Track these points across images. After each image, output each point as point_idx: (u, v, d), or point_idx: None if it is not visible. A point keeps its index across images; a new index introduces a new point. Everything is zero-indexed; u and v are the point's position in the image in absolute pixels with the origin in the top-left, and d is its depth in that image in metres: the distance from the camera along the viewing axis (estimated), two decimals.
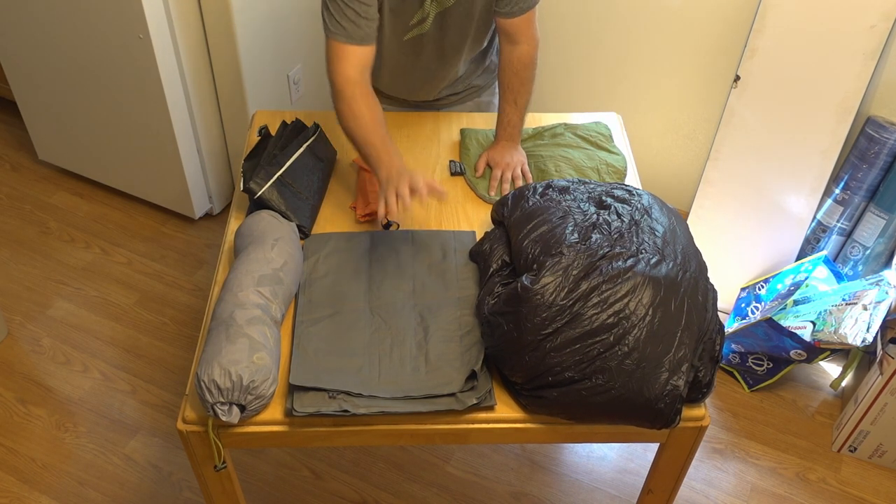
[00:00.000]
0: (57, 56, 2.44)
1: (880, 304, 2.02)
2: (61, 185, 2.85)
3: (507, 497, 2.01)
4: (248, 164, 1.61)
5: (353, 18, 1.54)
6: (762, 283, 2.34)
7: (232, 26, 2.28)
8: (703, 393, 1.29)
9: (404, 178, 1.48)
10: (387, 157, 1.54)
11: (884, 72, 2.12)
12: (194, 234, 2.69)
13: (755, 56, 2.13)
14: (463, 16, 1.66)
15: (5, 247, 2.62)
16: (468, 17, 1.67)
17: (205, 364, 1.25)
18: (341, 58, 1.57)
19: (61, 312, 2.42)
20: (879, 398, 1.98)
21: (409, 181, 1.48)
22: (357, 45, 1.56)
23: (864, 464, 2.12)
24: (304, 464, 2.06)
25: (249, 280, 1.37)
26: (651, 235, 1.34)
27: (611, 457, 2.11)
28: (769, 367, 2.22)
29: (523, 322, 1.26)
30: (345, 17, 1.54)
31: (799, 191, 2.24)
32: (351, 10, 1.54)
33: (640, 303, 1.24)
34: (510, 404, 1.33)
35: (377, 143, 1.55)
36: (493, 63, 1.95)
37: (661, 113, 2.59)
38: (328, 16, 1.56)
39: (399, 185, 1.47)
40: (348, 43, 1.56)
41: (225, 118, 2.57)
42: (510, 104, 1.76)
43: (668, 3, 2.35)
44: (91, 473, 2.03)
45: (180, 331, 2.38)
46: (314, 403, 1.28)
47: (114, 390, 2.22)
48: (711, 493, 2.04)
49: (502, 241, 1.49)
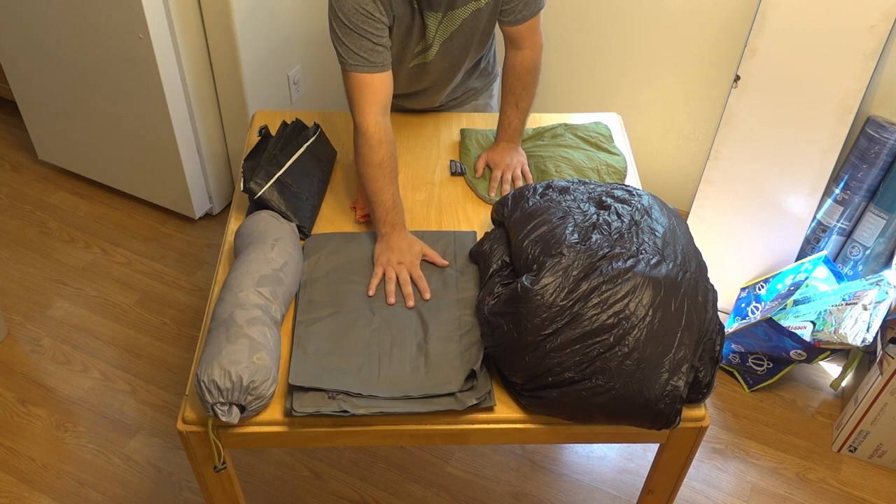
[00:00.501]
0: (57, 56, 2.44)
1: (880, 304, 2.02)
2: (61, 185, 2.85)
3: (507, 497, 2.01)
4: (249, 165, 1.61)
5: (371, 48, 1.53)
6: (762, 283, 2.34)
7: (232, 26, 2.28)
8: (703, 393, 1.29)
9: (405, 261, 1.50)
10: (393, 216, 1.54)
11: (884, 72, 2.12)
12: (194, 234, 2.69)
13: (755, 56, 2.13)
14: (467, 34, 1.66)
15: (5, 247, 2.62)
16: (472, 33, 1.67)
17: (205, 364, 1.25)
18: (366, 91, 1.55)
19: (61, 312, 2.42)
20: (879, 398, 1.98)
21: (409, 268, 1.50)
22: (378, 72, 1.55)
23: (864, 464, 2.12)
24: (304, 464, 2.06)
25: (249, 280, 1.37)
26: (651, 236, 1.34)
27: (611, 457, 2.11)
28: (769, 367, 2.22)
29: (523, 322, 1.26)
30: (362, 49, 1.52)
31: (799, 191, 2.24)
32: (367, 42, 1.52)
33: (640, 303, 1.24)
34: (510, 404, 1.33)
35: (388, 202, 1.55)
36: (490, 65, 1.95)
37: (661, 113, 2.59)
38: (344, 50, 1.53)
39: (399, 270, 1.50)
40: (371, 72, 1.54)
41: (225, 118, 2.57)
42: (512, 107, 1.76)
43: (667, 4, 2.35)
44: (91, 473, 2.03)
45: (180, 331, 2.38)
46: (314, 404, 1.28)
47: (114, 390, 2.22)
48: (711, 493, 2.04)
49: (502, 241, 1.49)
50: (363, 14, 1.50)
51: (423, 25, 1.60)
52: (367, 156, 1.55)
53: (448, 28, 1.63)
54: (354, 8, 1.50)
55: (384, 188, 1.55)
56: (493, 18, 1.67)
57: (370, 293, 1.48)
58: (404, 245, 1.52)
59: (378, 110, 1.55)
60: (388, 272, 1.50)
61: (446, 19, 1.61)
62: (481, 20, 1.65)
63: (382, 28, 1.54)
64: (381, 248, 1.53)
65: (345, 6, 1.50)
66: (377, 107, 1.55)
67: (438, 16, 1.59)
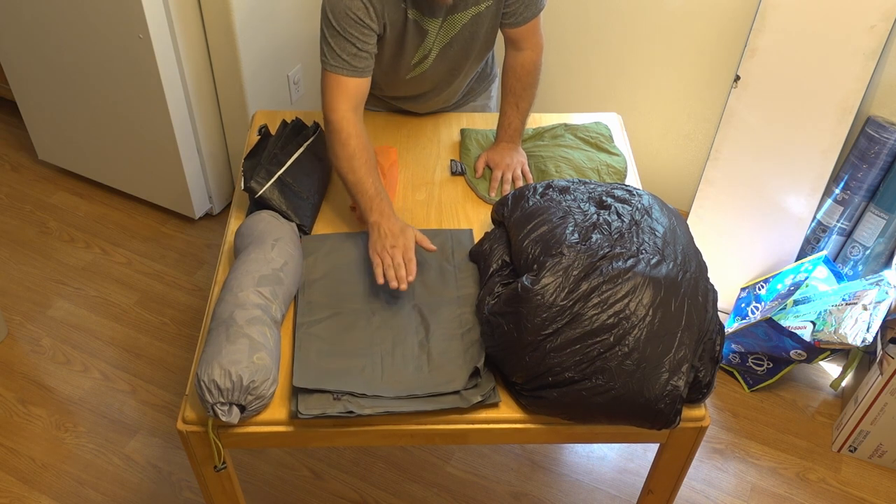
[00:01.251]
0: (57, 56, 2.44)
1: (880, 304, 2.02)
2: (61, 185, 2.85)
3: (507, 497, 2.01)
4: (249, 164, 1.61)
5: (355, 53, 1.54)
6: (762, 283, 2.34)
7: (232, 26, 2.28)
8: (703, 393, 1.29)
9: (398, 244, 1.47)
10: (379, 203, 1.53)
11: (884, 72, 2.12)
12: (194, 234, 2.69)
13: (755, 56, 2.13)
14: (467, 38, 1.66)
15: (5, 247, 2.62)
16: (472, 38, 1.67)
17: (205, 364, 1.25)
18: (339, 91, 1.57)
19: (61, 312, 2.42)
20: (879, 398, 1.98)
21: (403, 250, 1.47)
22: (356, 77, 1.56)
23: (864, 464, 2.12)
24: (304, 464, 2.06)
25: (249, 280, 1.37)
26: (651, 236, 1.34)
27: (611, 457, 2.11)
28: (769, 367, 2.22)
29: (523, 322, 1.26)
30: (345, 52, 1.54)
31: (799, 191, 2.24)
32: (352, 46, 1.53)
33: (641, 303, 1.24)
34: (510, 404, 1.33)
35: (370, 190, 1.54)
36: (489, 66, 1.95)
37: (661, 113, 2.59)
38: (328, 50, 1.55)
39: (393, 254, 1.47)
40: (348, 76, 1.56)
41: (225, 118, 2.57)
42: (512, 107, 1.76)
43: (668, 4, 2.35)
44: (91, 473, 2.03)
45: (180, 331, 2.38)
46: (319, 405, 1.28)
47: (114, 390, 2.22)
48: (711, 493, 2.04)
49: (502, 241, 1.49)
50: (353, 19, 1.51)
51: (418, 31, 1.60)
52: (337, 150, 1.56)
53: (448, 33, 1.62)
54: (345, 12, 1.50)
55: (363, 178, 1.54)
56: (495, 25, 1.67)
57: (379, 281, 1.44)
58: (396, 229, 1.50)
59: (348, 107, 1.57)
60: (385, 259, 1.46)
61: (446, 24, 1.61)
62: (482, 26, 1.64)
63: (370, 35, 1.54)
64: (374, 237, 1.50)
65: (336, 8, 1.51)
66: (347, 104, 1.57)
67: (438, 21, 1.59)
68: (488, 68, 1.95)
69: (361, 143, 1.56)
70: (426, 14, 1.57)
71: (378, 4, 1.52)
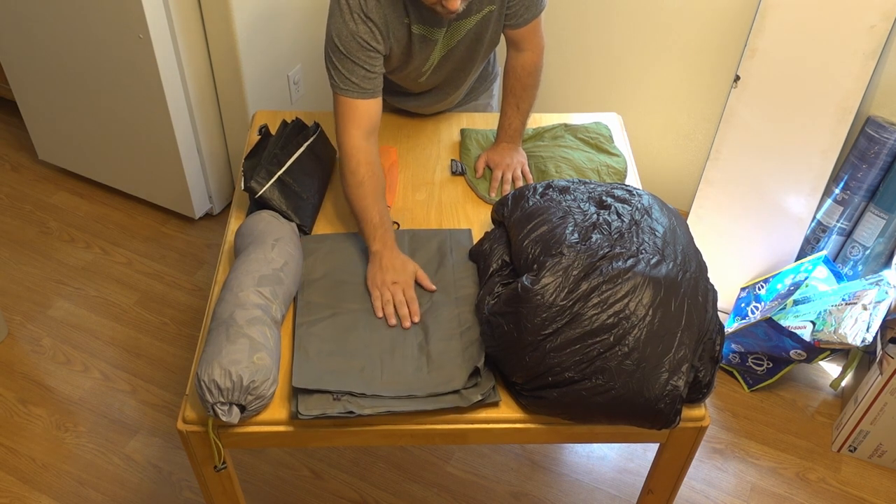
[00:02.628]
0: (57, 56, 2.44)
1: (880, 303, 2.02)
2: (61, 185, 2.85)
3: (507, 497, 2.01)
4: (249, 164, 1.61)
5: (363, 75, 1.53)
6: (762, 283, 2.34)
7: (232, 26, 2.28)
8: (703, 393, 1.29)
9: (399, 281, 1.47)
10: (382, 234, 1.53)
11: (884, 72, 2.12)
12: (194, 234, 2.69)
13: (755, 56, 2.13)
14: (472, 40, 1.66)
15: (5, 247, 2.62)
16: (477, 41, 1.67)
17: (205, 364, 1.25)
18: (351, 116, 1.55)
19: (61, 312, 2.42)
20: (879, 398, 1.98)
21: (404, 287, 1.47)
22: (367, 98, 1.56)
23: (864, 464, 2.12)
24: (304, 464, 2.06)
25: (250, 280, 1.37)
26: (651, 235, 1.34)
27: (611, 457, 2.11)
28: (769, 367, 2.22)
29: (523, 322, 1.26)
30: (354, 75, 1.53)
31: (799, 191, 2.24)
32: (360, 69, 1.53)
33: (641, 303, 1.24)
34: (510, 404, 1.33)
35: (375, 219, 1.53)
36: (490, 65, 1.95)
37: (661, 113, 2.59)
38: (336, 73, 1.54)
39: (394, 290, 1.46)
40: (360, 98, 1.55)
41: (225, 118, 2.57)
42: (513, 108, 1.76)
43: (667, 4, 2.35)
44: (91, 473, 2.03)
45: (180, 331, 2.38)
46: (319, 406, 1.28)
47: (114, 390, 2.22)
48: (711, 493, 2.04)
49: (502, 241, 1.49)
50: (359, 43, 1.51)
51: (424, 43, 1.60)
52: (347, 176, 1.56)
53: (454, 38, 1.63)
54: (351, 36, 1.50)
55: (369, 206, 1.54)
56: (498, 27, 1.67)
57: (378, 315, 1.44)
58: (398, 264, 1.50)
59: (360, 133, 1.56)
60: (385, 294, 1.46)
61: (451, 30, 1.61)
62: (487, 28, 1.65)
63: (377, 57, 1.54)
64: (374, 268, 1.50)
65: (342, 33, 1.50)
66: (360, 130, 1.56)
67: (443, 30, 1.60)
68: (490, 67, 1.96)
69: (371, 170, 1.55)
70: (431, 25, 1.57)
71: (382, 26, 1.52)
